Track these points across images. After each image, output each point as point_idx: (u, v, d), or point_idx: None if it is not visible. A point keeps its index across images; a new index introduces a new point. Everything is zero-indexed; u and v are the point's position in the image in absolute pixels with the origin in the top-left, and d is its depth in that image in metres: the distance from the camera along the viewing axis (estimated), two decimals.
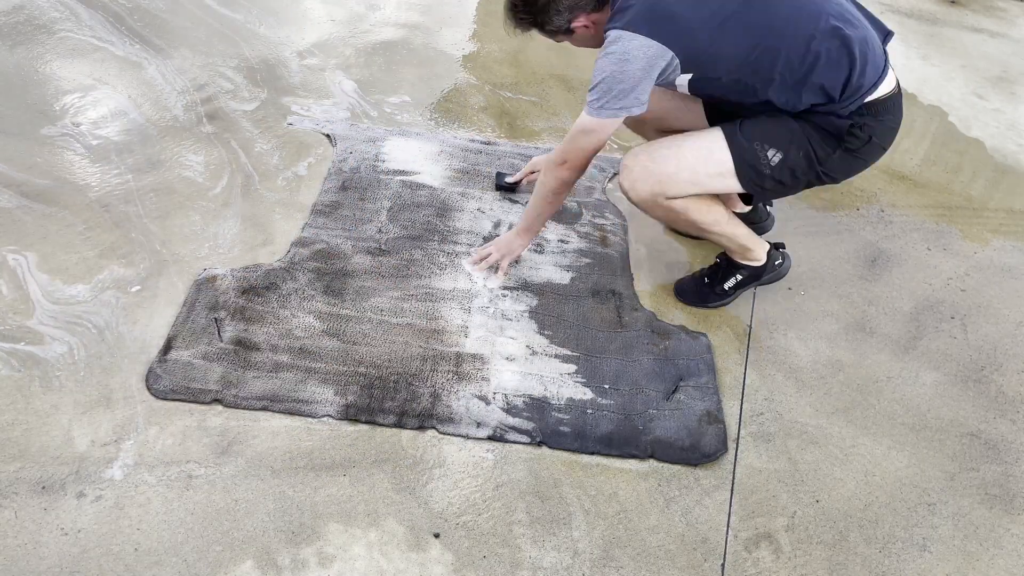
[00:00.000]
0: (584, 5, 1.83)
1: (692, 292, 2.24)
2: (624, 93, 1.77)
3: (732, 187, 1.93)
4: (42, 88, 2.77)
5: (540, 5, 1.83)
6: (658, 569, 1.64)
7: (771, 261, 2.18)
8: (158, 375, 1.86)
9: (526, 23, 1.89)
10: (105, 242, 2.21)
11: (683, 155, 1.92)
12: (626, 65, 1.74)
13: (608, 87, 1.78)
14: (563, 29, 1.88)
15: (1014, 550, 1.76)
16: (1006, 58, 3.91)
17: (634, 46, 1.74)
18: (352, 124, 2.80)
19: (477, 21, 3.61)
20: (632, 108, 1.80)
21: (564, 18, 1.85)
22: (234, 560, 1.56)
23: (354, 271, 2.21)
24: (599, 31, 1.86)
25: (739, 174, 1.90)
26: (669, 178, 1.92)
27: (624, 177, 1.97)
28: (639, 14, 1.75)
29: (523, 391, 1.94)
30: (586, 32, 1.89)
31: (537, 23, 1.88)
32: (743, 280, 2.18)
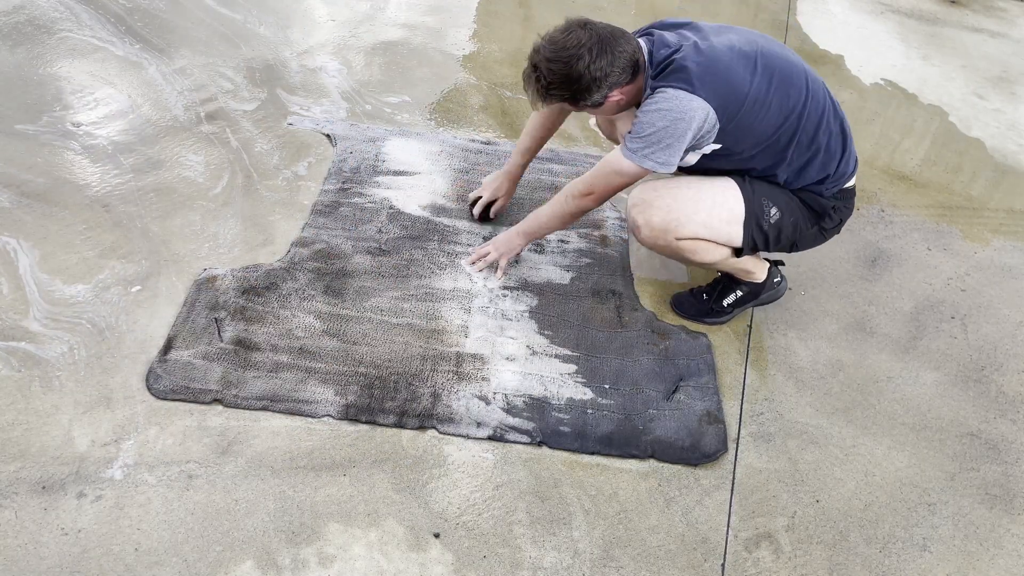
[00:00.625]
0: (623, 80, 1.82)
1: (690, 306, 2.22)
2: (670, 148, 1.80)
3: (733, 237, 1.97)
4: (42, 88, 2.77)
5: (583, 85, 1.79)
6: (658, 569, 1.64)
7: (770, 279, 2.19)
8: (158, 375, 1.86)
9: (556, 99, 1.86)
10: (105, 242, 2.21)
11: (702, 199, 1.94)
12: (680, 123, 1.76)
13: (658, 139, 1.79)
14: (597, 103, 1.86)
15: (1014, 550, 1.76)
16: (1006, 58, 3.91)
17: (692, 106, 1.75)
18: (352, 124, 2.80)
19: (477, 21, 3.61)
20: (671, 164, 1.83)
21: (602, 95, 1.83)
22: (234, 560, 1.56)
23: (354, 271, 2.21)
24: (626, 102, 1.89)
25: (745, 224, 1.95)
26: (686, 219, 1.93)
27: (640, 211, 1.96)
28: (698, 75, 1.76)
29: (523, 391, 1.94)
30: (614, 104, 1.88)
31: (571, 100, 1.85)
32: (742, 297, 2.19)
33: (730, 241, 1.97)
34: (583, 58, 1.76)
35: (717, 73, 1.77)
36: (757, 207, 1.94)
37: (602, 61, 1.77)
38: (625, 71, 1.80)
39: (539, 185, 2.62)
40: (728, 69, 1.78)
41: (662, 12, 3.83)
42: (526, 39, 3.49)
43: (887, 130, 3.19)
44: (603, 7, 3.81)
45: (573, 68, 1.77)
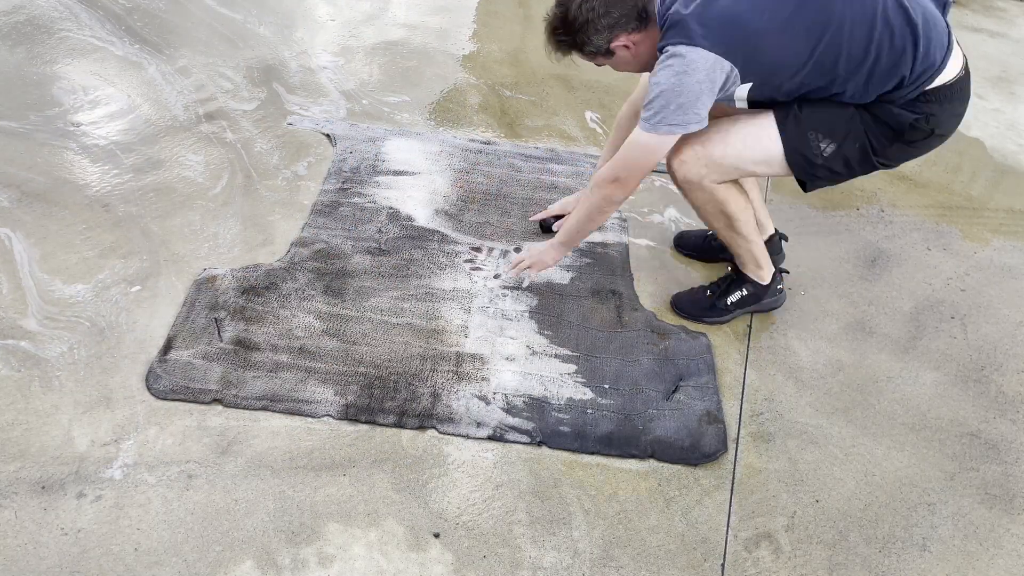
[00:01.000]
0: (624, 23, 1.77)
1: (690, 304, 2.20)
2: (683, 108, 1.72)
3: (779, 173, 1.91)
4: (42, 88, 2.77)
5: (578, 25, 1.78)
6: (658, 569, 1.64)
7: (774, 284, 2.18)
8: (158, 375, 1.86)
9: (565, 45, 1.84)
10: (105, 242, 2.21)
11: (730, 139, 1.87)
12: (685, 78, 1.68)
13: (666, 101, 1.72)
14: (603, 50, 1.82)
15: (1014, 550, 1.76)
16: (1006, 58, 3.91)
17: (692, 58, 1.68)
18: (352, 124, 2.80)
19: (477, 21, 3.61)
20: (691, 124, 1.75)
21: (604, 37, 1.79)
22: (234, 560, 1.56)
23: (354, 271, 2.21)
24: (641, 52, 1.83)
25: (790, 162, 1.87)
26: (716, 161, 1.88)
27: (673, 156, 1.91)
28: (693, 25, 1.69)
29: (523, 391, 1.94)
30: (627, 53, 1.83)
31: (576, 44, 1.82)
32: (745, 298, 2.16)
33: (772, 173, 1.93)
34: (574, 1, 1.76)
35: (715, 16, 1.68)
36: (802, 144, 1.83)
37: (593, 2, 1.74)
38: (627, 17, 1.76)
39: (539, 185, 2.62)
40: (728, 7, 1.69)
41: None
42: (526, 39, 3.49)
43: None
44: None
45: (567, 11, 1.77)
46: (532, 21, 3.67)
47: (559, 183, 2.64)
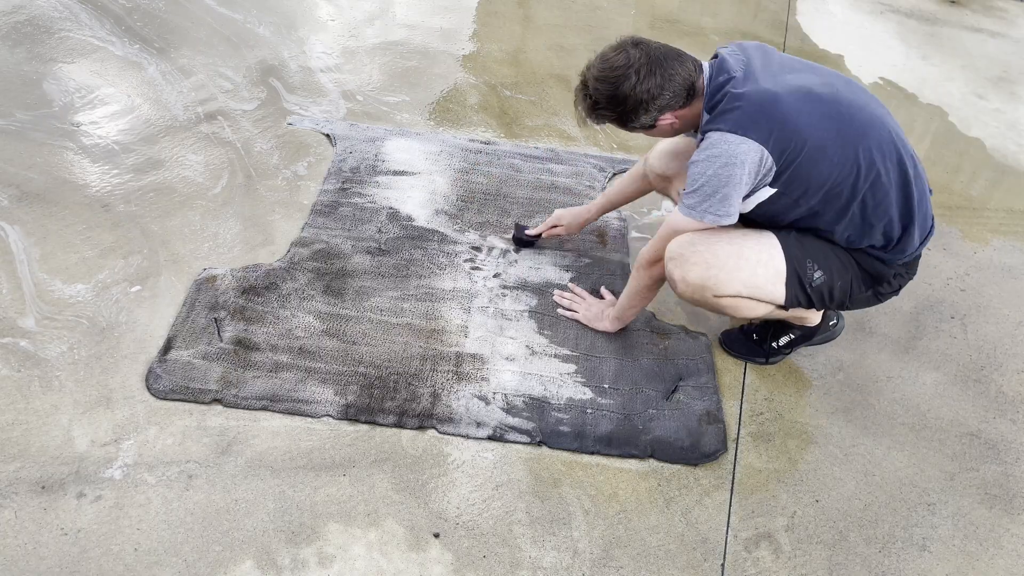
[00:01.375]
0: (674, 103, 1.73)
1: (740, 344, 2.11)
2: (727, 199, 1.69)
3: (776, 296, 1.83)
4: (42, 88, 2.77)
5: (629, 105, 1.72)
6: (658, 569, 1.64)
7: (825, 322, 2.08)
8: (158, 375, 1.86)
9: (605, 119, 1.79)
10: (105, 242, 2.21)
11: (744, 256, 1.79)
12: (733, 170, 1.65)
13: (712, 190, 1.69)
14: (646, 126, 1.78)
15: (1014, 550, 1.76)
16: (1006, 58, 3.91)
17: (742, 149, 1.64)
18: (352, 124, 2.80)
19: (477, 21, 3.61)
20: (730, 217, 1.72)
21: (652, 117, 1.75)
22: (234, 560, 1.56)
23: (354, 271, 2.21)
24: (682, 126, 1.80)
25: (787, 283, 1.81)
26: (727, 277, 1.78)
27: (676, 266, 1.81)
28: (749, 115, 1.64)
29: (523, 391, 1.94)
30: (668, 127, 1.80)
31: (619, 120, 1.77)
32: (795, 339, 2.07)
33: (773, 299, 1.83)
34: (630, 78, 1.69)
35: (772, 112, 1.64)
36: (800, 267, 1.80)
37: (650, 82, 1.69)
38: (677, 95, 1.72)
39: (539, 185, 2.62)
40: (787, 108, 1.64)
41: (661, 11, 3.83)
42: (526, 39, 3.49)
43: None
44: (603, 6, 3.81)
45: (620, 88, 1.70)
46: (532, 21, 3.67)
47: (559, 183, 2.64)
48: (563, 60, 3.35)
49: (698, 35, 3.65)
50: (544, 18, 3.67)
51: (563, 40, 3.49)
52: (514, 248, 2.34)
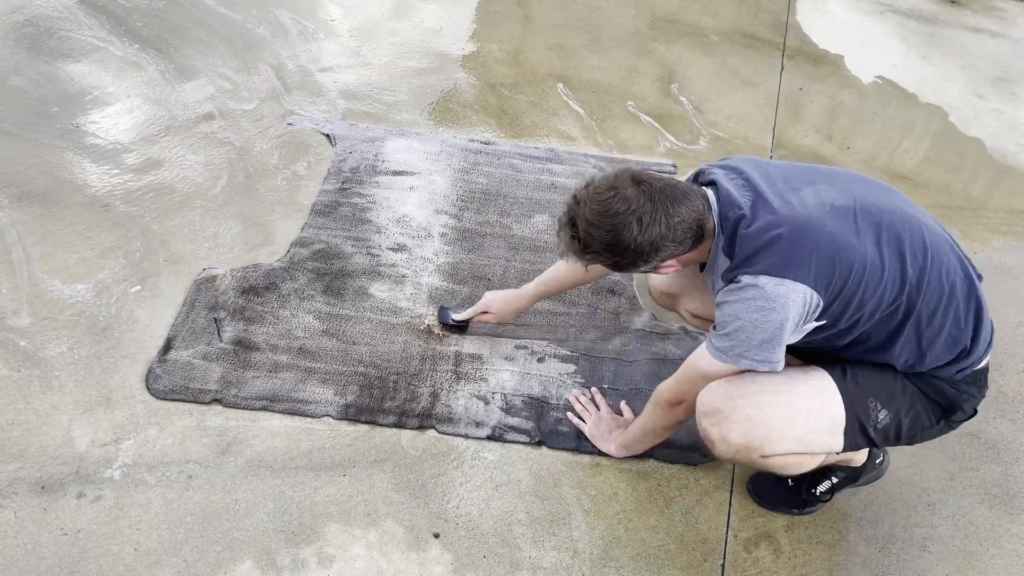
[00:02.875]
0: (680, 250, 1.48)
1: (775, 494, 1.80)
2: (767, 344, 1.43)
3: (834, 447, 1.54)
4: (42, 88, 2.77)
5: (628, 257, 1.46)
6: (658, 569, 1.64)
7: (871, 460, 1.76)
8: (158, 375, 1.86)
9: (597, 263, 1.52)
10: (105, 242, 2.21)
11: (794, 406, 1.50)
12: (773, 316, 1.40)
13: (750, 335, 1.43)
14: (646, 272, 1.56)
15: (1014, 550, 1.76)
16: (1006, 58, 3.91)
17: (784, 292, 1.39)
18: (351, 124, 2.80)
19: (477, 21, 3.61)
20: (776, 363, 1.46)
21: (652, 266, 1.51)
22: (234, 560, 1.56)
23: (354, 271, 2.21)
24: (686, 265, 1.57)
25: (846, 431, 1.52)
26: (777, 435, 1.50)
27: (713, 424, 1.52)
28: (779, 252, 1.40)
29: (522, 391, 1.94)
30: (670, 271, 1.56)
31: (614, 267, 1.53)
32: (838, 483, 1.76)
33: (829, 450, 1.56)
34: (631, 227, 1.41)
35: (811, 244, 1.40)
36: (861, 409, 1.52)
37: (654, 231, 1.42)
38: (683, 241, 1.46)
39: (539, 185, 2.62)
40: (825, 235, 1.41)
41: (661, 11, 3.83)
42: (526, 39, 3.49)
43: (887, 130, 3.19)
44: (603, 6, 3.81)
45: (619, 237, 1.42)
46: (532, 21, 3.67)
47: (559, 183, 2.64)
48: (563, 60, 3.35)
49: (698, 35, 3.65)
50: (544, 18, 3.67)
51: (563, 40, 3.49)
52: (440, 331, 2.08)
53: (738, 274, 1.44)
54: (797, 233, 1.41)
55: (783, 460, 1.55)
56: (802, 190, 1.47)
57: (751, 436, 1.49)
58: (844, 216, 1.44)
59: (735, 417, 1.49)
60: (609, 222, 1.42)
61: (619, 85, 3.20)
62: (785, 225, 1.41)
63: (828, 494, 1.76)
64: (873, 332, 1.49)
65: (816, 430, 1.51)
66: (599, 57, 3.38)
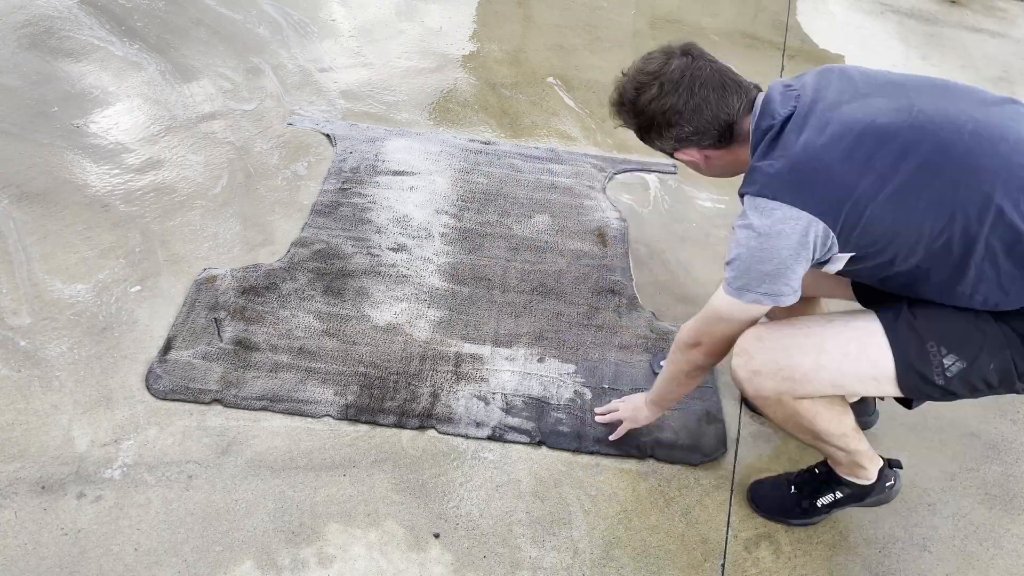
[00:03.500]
0: (698, 140, 1.46)
1: (773, 500, 1.76)
2: (769, 276, 1.35)
3: (887, 392, 1.44)
4: (42, 88, 2.77)
5: (643, 120, 1.48)
6: (658, 569, 1.64)
7: (881, 481, 1.66)
8: (158, 375, 1.86)
9: (627, 125, 1.56)
10: (105, 242, 2.21)
11: (826, 348, 1.42)
12: (769, 241, 1.33)
13: (747, 265, 1.36)
14: (665, 151, 1.55)
15: (1014, 550, 1.76)
16: (1006, 58, 3.91)
17: (777, 217, 1.32)
18: (352, 124, 2.80)
19: (477, 21, 3.61)
20: (782, 296, 1.37)
21: (668, 145, 1.50)
22: (234, 560, 1.56)
23: (354, 271, 2.21)
24: (719, 167, 1.54)
25: (900, 379, 1.39)
26: (805, 375, 1.43)
27: (742, 364, 1.47)
28: (780, 174, 1.34)
29: (522, 391, 1.94)
30: (693, 163, 1.54)
31: (637, 131, 1.54)
32: (842, 499, 1.68)
33: (881, 395, 1.46)
34: (650, 89, 1.43)
35: (819, 166, 1.32)
36: (918, 358, 1.37)
37: (668, 101, 1.42)
38: (702, 132, 1.43)
39: (539, 185, 2.62)
40: (834, 156, 1.31)
41: (661, 11, 3.84)
42: (526, 39, 3.49)
43: None
44: (603, 6, 3.81)
45: (639, 96, 1.46)
46: (532, 21, 3.67)
47: (559, 183, 2.64)
48: (563, 60, 3.35)
49: (698, 35, 3.65)
50: (544, 18, 3.67)
51: (563, 40, 3.49)
52: None
53: (743, 191, 1.39)
54: (807, 158, 1.32)
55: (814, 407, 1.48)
56: (849, 103, 1.36)
57: (779, 378, 1.44)
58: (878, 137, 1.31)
59: (762, 358, 1.44)
60: (637, 79, 1.47)
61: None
62: (798, 147, 1.33)
63: (829, 508, 1.70)
64: (931, 268, 1.33)
65: (855, 376, 1.42)
66: (599, 57, 3.38)
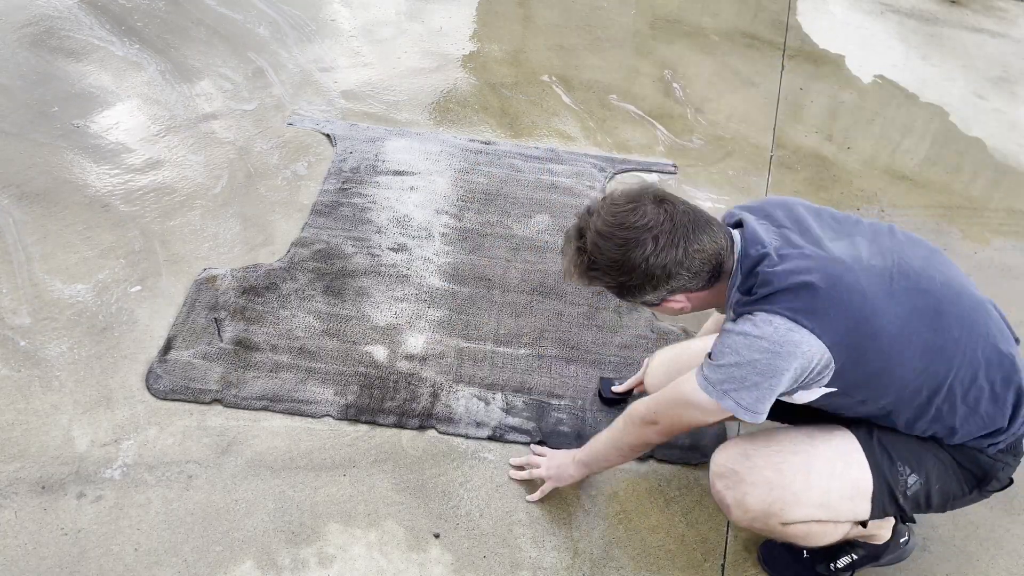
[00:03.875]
0: (693, 285, 1.37)
1: (786, 565, 1.67)
2: (758, 390, 1.32)
3: (859, 514, 1.43)
4: (42, 88, 2.77)
5: (635, 279, 1.35)
6: (658, 569, 1.64)
7: (895, 539, 1.62)
8: (158, 375, 1.86)
9: (599, 283, 1.42)
10: (105, 242, 2.21)
11: (815, 469, 1.40)
12: (775, 362, 1.29)
13: (742, 374, 1.32)
14: (650, 304, 1.44)
15: (1014, 550, 1.76)
16: (1006, 58, 3.91)
17: (794, 340, 1.28)
18: (352, 124, 2.80)
19: (477, 21, 3.61)
20: (758, 415, 1.34)
21: (659, 296, 1.39)
22: (234, 560, 1.56)
23: (354, 271, 2.21)
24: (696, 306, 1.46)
25: (874, 497, 1.41)
26: (794, 499, 1.39)
27: (727, 487, 1.43)
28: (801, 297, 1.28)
29: (523, 391, 1.94)
30: (675, 309, 1.44)
31: (616, 289, 1.41)
32: (859, 561, 1.62)
33: (854, 517, 1.45)
34: (645, 246, 1.32)
35: (839, 300, 1.28)
36: (890, 474, 1.40)
37: (668, 256, 1.32)
38: (698, 275, 1.36)
39: (539, 185, 2.62)
40: (853, 292, 1.29)
41: (661, 11, 3.84)
42: (526, 39, 3.49)
43: (887, 130, 3.19)
44: (603, 6, 3.81)
45: (629, 255, 1.33)
46: (532, 21, 3.67)
47: (559, 183, 2.64)
48: (563, 60, 3.35)
49: (698, 35, 3.65)
50: (544, 18, 3.67)
51: (563, 40, 3.49)
52: None
53: (754, 309, 1.32)
54: (829, 285, 1.29)
55: (805, 528, 1.44)
56: (838, 241, 1.37)
57: (770, 500, 1.39)
58: (879, 278, 1.33)
59: (751, 479, 1.40)
60: (622, 236, 1.33)
61: (619, 85, 3.20)
62: (817, 273, 1.29)
63: (847, 571, 1.62)
64: (894, 409, 1.37)
65: (840, 495, 1.40)
66: (599, 57, 3.38)
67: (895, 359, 1.31)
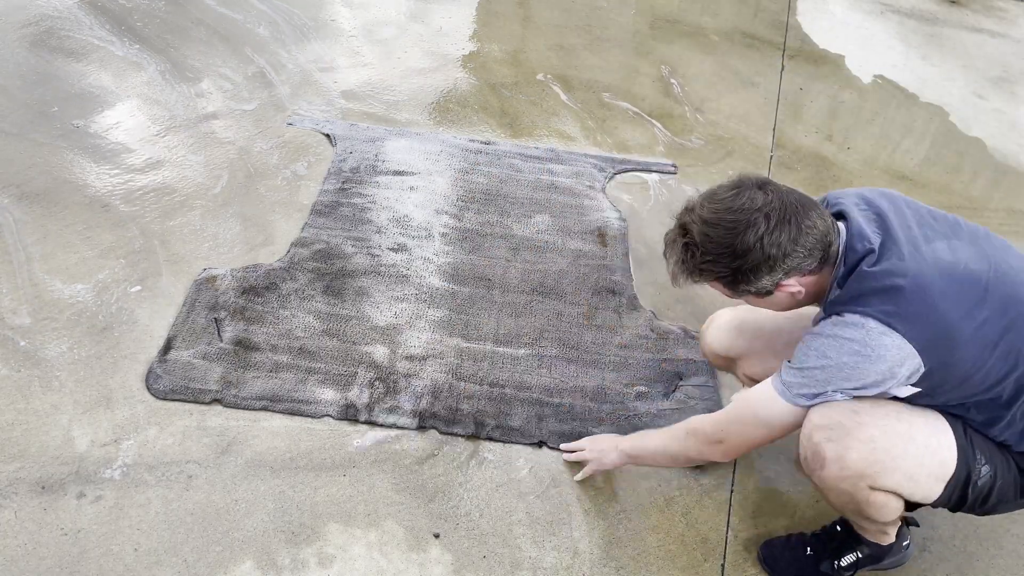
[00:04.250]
0: (806, 265, 1.34)
1: (787, 563, 1.66)
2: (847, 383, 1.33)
3: (931, 495, 1.40)
4: (42, 88, 2.77)
5: (750, 263, 1.32)
6: (658, 569, 1.64)
7: (898, 542, 1.62)
8: (158, 375, 1.86)
9: (711, 277, 1.39)
10: (105, 242, 2.21)
11: (915, 438, 1.37)
12: (864, 366, 1.29)
13: (827, 377, 1.32)
14: (763, 292, 1.39)
15: (1014, 550, 1.76)
16: (1006, 58, 3.91)
17: (884, 344, 1.27)
18: (352, 124, 2.80)
19: (477, 21, 3.61)
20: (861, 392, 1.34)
21: (774, 280, 1.35)
22: (234, 560, 1.56)
23: (354, 271, 2.21)
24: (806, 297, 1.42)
25: (950, 481, 1.39)
26: (893, 464, 1.35)
27: (832, 439, 1.36)
28: (896, 302, 1.28)
29: (523, 391, 1.94)
30: (788, 297, 1.40)
31: (731, 279, 1.37)
32: (861, 560, 1.62)
33: (926, 498, 1.41)
34: (757, 226, 1.30)
35: (931, 307, 1.28)
36: (971, 461, 1.39)
37: (783, 234, 1.30)
38: (812, 254, 1.33)
39: (539, 185, 2.62)
40: (944, 297, 1.28)
41: (661, 11, 3.84)
42: (526, 39, 3.50)
43: (887, 130, 3.19)
44: (603, 6, 3.82)
45: (741, 237, 1.30)
46: (532, 21, 3.67)
47: (559, 183, 2.64)
48: (563, 60, 3.35)
49: (698, 35, 3.65)
50: (544, 18, 3.67)
51: (563, 40, 3.49)
52: None
53: (845, 310, 1.31)
54: (921, 290, 1.28)
55: (885, 499, 1.40)
56: (936, 242, 1.34)
57: (872, 460, 1.34)
58: (973, 283, 1.31)
59: (858, 434, 1.35)
60: (731, 219, 1.31)
61: (619, 85, 3.20)
62: (910, 276, 1.28)
63: (851, 569, 1.61)
64: (975, 408, 1.37)
65: (928, 472, 1.38)
66: (599, 57, 3.39)
67: (980, 363, 1.30)
